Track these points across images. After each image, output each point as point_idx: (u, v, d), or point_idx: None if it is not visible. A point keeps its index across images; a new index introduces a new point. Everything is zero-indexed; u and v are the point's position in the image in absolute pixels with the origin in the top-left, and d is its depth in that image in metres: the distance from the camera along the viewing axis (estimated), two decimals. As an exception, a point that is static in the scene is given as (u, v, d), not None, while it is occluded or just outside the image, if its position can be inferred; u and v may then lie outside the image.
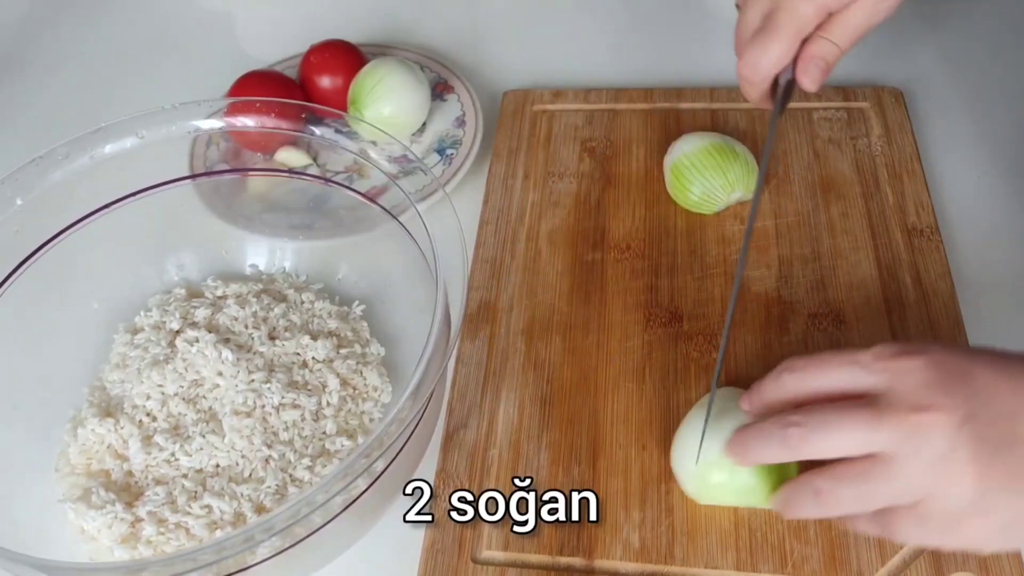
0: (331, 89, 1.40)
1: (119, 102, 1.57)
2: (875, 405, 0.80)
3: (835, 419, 0.81)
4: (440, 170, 1.33)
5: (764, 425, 0.85)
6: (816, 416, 0.82)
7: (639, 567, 0.96)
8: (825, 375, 0.85)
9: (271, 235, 1.23)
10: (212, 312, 1.12)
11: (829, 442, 0.81)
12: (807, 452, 0.82)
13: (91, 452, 1.04)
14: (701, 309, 1.15)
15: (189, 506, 0.97)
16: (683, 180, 1.22)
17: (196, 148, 1.24)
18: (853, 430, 0.80)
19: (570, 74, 1.51)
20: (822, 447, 0.82)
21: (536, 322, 1.16)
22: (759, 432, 0.86)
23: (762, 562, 0.95)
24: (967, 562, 0.92)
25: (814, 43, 1.03)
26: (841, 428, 0.81)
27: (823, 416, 0.82)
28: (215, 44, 1.68)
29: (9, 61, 1.68)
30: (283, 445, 1.01)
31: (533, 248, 1.24)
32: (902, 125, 1.32)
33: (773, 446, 0.84)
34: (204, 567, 0.78)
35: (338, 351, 1.10)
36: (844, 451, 0.81)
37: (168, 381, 1.05)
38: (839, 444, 0.81)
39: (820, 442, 0.81)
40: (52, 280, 1.07)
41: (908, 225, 1.20)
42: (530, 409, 1.09)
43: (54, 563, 0.78)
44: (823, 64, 1.04)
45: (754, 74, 1.05)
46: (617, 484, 1.01)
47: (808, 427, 0.82)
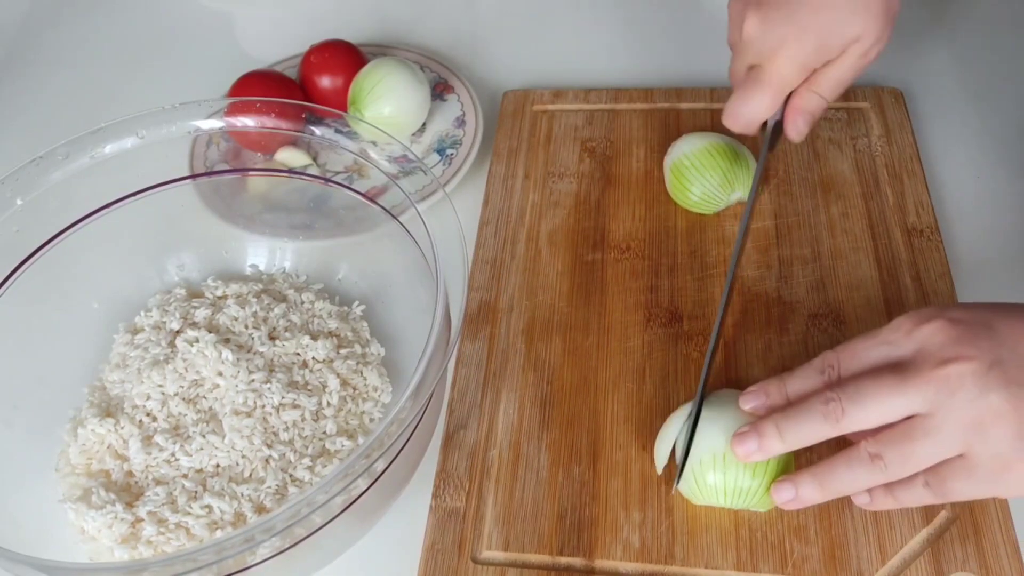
0: (331, 89, 1.40)
1: (119, 102, 1.57)
2: (903, 369, 0.83)
3: (868, 388, 0.83)
4: (440, 170, 1.33)
5: (804, 405, 0.87)
6: (850, 389, 0.84)
7: (639, 567, 0.96)
8: (859, 361, 0.87)
9: (271, 235, 1.23)
10: (212, 312, 1.12)
11: (867, 411, 0.83)
12: (848, 425, 0.84)
13: (91, 452, 1.04)
14: (701, 309, 1.15)
15: (189, 506, 0.97)
16: (683, 180, 1.22)
17: (196, 148, 1.25)
18: (887, 395, 0.82)
19: (570, 74, 1.51)
20: (861, 417, 0.84)
21: (536, 322, 1.16)
22: (799, 412, 0.87)
23: (762, 562, 0.95)
24: (967, 562, 0.92)
25: (800, 97, 1.06)
26: (876, 396, 0.83)
27: (856, 387, 0.84)
28: (215, 44, 1.68)
29: (9, 61, 1.68)
30: (283, 445, 1.01)
31: (533, 248, 1.24)
32: (902, 125, 1.32)
33: (816, 422, 0.86)
34: (204, 567, 0.78)
35: (338, 351, 1.10)
36: (883, 418, 0.83)
37: (168, 381, 1.05)
38: (877, 411, 0.83)
39: (858, 412, 0.83)
40: (52, 280, 1.07)
41: (908, 225, 1.20)
42: (530, 410, 1.09)
43: (54, 563, 0.78)
44: (809, 117, 1.06)
45: (735, 124, 1.08)
46: (617, 484, 1.02)
47: (844, 400, 0.84)
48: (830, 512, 0.97)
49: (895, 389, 0.82)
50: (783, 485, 0.90)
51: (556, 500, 1.01)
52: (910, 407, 0.82)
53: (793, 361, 1.07)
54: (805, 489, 0.89)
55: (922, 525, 0.95)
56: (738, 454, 0.91)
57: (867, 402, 0.83)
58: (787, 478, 0.90)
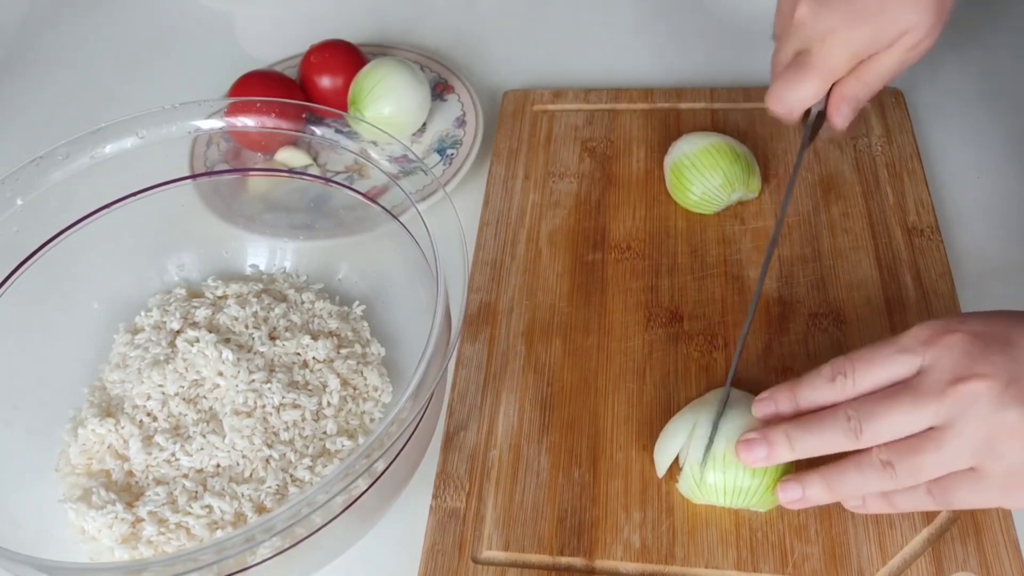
0: (331, 89, 1.40)
1: (119, 102, 1.57)
2: (917, 385, 0.83)
3: (885, 407, 0.84)
4: (440, 170, 1.33)
5: (819, 418, 0.88)
6: (867, 408, 0.85)
7: (640, 567, 0.96)
8: (876, 373, 0.87)
9: (271, 235, 1.23)
10: (212, 312, 1.12)
11: (884, 429, 0.84)
12: (866, 442, 0.85)
13: (91, 452, 1.04)
14: (701, 309, 1.15)
15: (190, 506, 0.97)
16: (683, 180, 1.22)
17: (196, 148, 1.25)
18: (904, 414, 0.83)
19: (570, 74, 1.51)
20: (878, 434, 0.84)
21: (536, 324, 1.16)
22: (814, 425, 0.88)
23: (763, 561, 0.95)
24: (968, 561, 0.92)
25: (847, 85, 1.05)
26: (892, 416, 0.83)
27: (874, 407, 0.84)
28: (215, 44, 1.68)
29: (9, 61, 1.68)
30: (284, 445, 1.01)
31: (533, 249, 1.24)
32: (902, 125, 1.32)
33: (835, 436, 0.86)
34: (205, 567, 0.78)
35: (338, 351, 1.10)
36: (899, 434, 0.84)
37: (168, 381, 1.05)
38: (893, 430, 0.84)
39: (875, 429, 0.84)
40: (52, 280, 1.07)
41: (908, 224, 1.20)
42: (530, 412, 1.09)
43: (54, 563, 0.78)
44: (855, 105, 1.06)
45: (780, 107, 1.06)
46: (618, 485, 1.02)
47: (863, 419, 0.84)
48: (831, 512, 0.97)
49: (912, 409, 0.82)
50: (790, 484, 0.90)
51: (556, 502, 1.01)
52: (923, 422, 0.82)
53: (793, 360, 1.07)
54: (812, 490, 0.89)
55: (923, 525, 0.95)
56: (745, 460, 0.91)
57: (883, 420, 0.83)
58: (794, 478, 0.90)
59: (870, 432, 0.84)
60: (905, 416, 0.82)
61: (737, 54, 1.48)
